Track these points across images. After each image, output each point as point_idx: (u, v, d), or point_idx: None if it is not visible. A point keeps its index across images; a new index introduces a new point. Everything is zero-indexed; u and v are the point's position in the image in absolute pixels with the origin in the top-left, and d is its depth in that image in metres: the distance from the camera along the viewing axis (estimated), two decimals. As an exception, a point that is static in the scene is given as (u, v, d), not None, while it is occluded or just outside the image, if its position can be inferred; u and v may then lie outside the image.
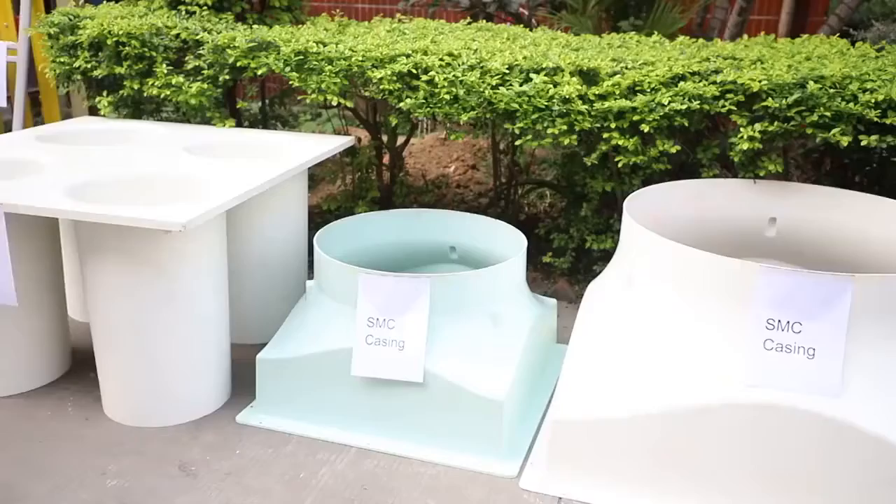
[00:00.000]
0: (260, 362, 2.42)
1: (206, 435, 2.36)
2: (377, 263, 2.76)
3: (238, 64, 3.13)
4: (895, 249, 2.46)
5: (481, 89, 2.82)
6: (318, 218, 3.51)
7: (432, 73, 2.87)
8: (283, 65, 3.05)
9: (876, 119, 2.51)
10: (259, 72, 3.10)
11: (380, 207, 3.47)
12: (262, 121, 3.84)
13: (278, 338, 2.47)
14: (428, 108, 2.89)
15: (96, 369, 2.44)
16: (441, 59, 2.94)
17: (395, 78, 2.91)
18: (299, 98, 3.27)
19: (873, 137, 2.53)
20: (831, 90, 2.57)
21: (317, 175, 4.09)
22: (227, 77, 3.19)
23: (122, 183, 2.53)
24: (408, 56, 2.97)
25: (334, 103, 3.07)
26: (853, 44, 3.32)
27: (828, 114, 2.54)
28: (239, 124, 3.55)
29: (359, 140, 3.53)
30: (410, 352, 2.24)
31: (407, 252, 2.90)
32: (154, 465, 2.21)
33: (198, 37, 3.26)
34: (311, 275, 2.85)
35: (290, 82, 3.07)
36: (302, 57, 3.05)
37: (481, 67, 2.89)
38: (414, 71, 2.92)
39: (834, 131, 2.54)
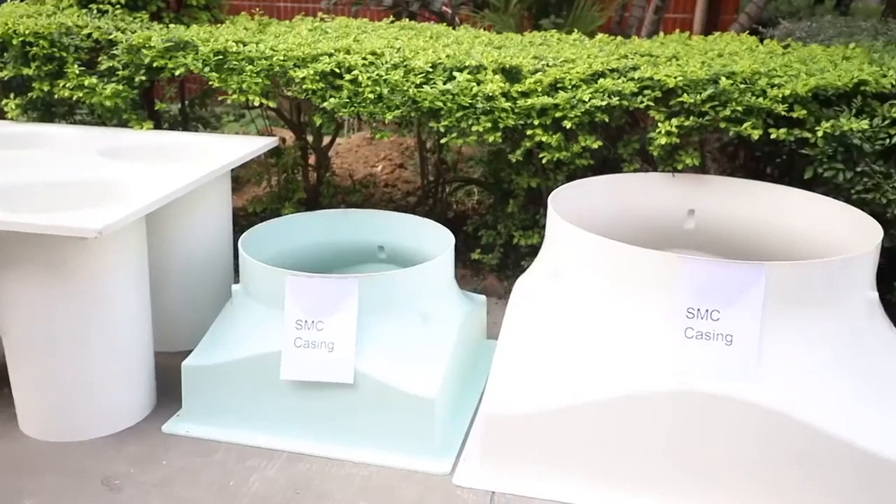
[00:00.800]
0: (185, 369, 2.36)
1: (130, 447, 2.29)
2: (305, 265, 2.73)
3: (155, 64, 3.04)
4: (804, 237, 2.57)
5: (405, 88, 2.82)
6: (244, 220, 3.45)
7: (356, 72, 2.85)
8: (202, 65, 2.98)
9: (784, 113, 2.62)
10: (177, 72, 3.02)
11: (306, 208, 3.43)
12: (183, 122, 3.74)
13: (204, 344, 2.41)
14: (352, 108, 2.87)
15: (10, 385, 2.34)
16: (364, 58, 2.93)
17: (317, 77, 2.88)
18: (220, 99, 3.20)
19: (782, 130, 2.64)
20: (742, 86, 2.67)
21: (241, 177, 4.02)
22: (144, 78, 3.10)
23: (34, 189, 2.42)
24: (330, 55, 2.94)
25: (257, 104, 3.02)
26: (762, 41, 3.46)
27: (739, 108, 2.64)
28: (158, 126, 3.45)
29: (283, 141, 3.48)
30: (340, 353, 2.22)
31: (335, 253, 2.88)
32: (75, 482, 2.13)
33: (111, 36, 3.16)
34: (237, 279, 2.80)
35: (210, 83, 3.01)
36: (221, 57, 2.99)
37: (405, 66, 2.88)
38: (337, 70, 2.90)
39: (745, 125, 2.64)
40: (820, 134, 2.59)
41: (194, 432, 2.35)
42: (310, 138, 3.58)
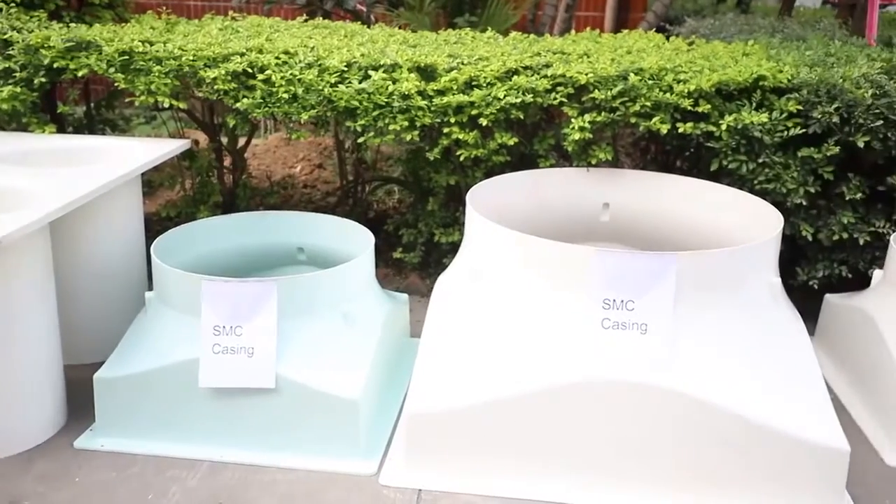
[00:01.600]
0: (97, 381, 2.28)
1: (39, 465, 2.19)
2: (222, 269, 2.67)
3: (55, 65, 2.91)
4: (712, 227, 2.67)
5: (320, 87, 2.79)
6: (158, 226, 3.35)
7: (268, 71, 2.81)
8: (106, 65, 2.87)
9: (689, 108, 2.72)
10: (79, 73, 2.90)
11: (223, 212, 3.35)
12: (89, 126, 3.60)
13: (117, 354, 2.33)
14: (266, 108, 2.83)
15: None
16: (277, 58, 2.88)
17: (229, 77, 2.82)
18: (128, 101, 3.09)
19: (688, 125, 2.73)
20: (650, 82, 2.75)
21: (154, 181, 3.90)
22: (44, 80, 2.96)
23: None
24: (242, 55, 2.89)
25: (167, 105, 2.93)
26: (668, 38, 3.58)
27: (648, 104, 2.72)
28: (61, 130, 3.31)
29: (196, 143, 3.39)
30: (260, 358, 2.18)
31: (253, 256, 2.83)
32: (-19, 505, 2.03)
33: (6, 36, 3.01)
34: (150, 286, 2.71)
35: (116, 84, 2.90)
36: (127, 57, 2.89)
37: (319, 65, 2.85)
38: (249, 70, 2.84)
39: (654, 120, 2.72)
40: (724, 127, 2.69)
41: (109, 446, 2.26)
42: (224, 140, 3.50)
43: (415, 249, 3.29)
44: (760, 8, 6.99)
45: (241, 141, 3.57)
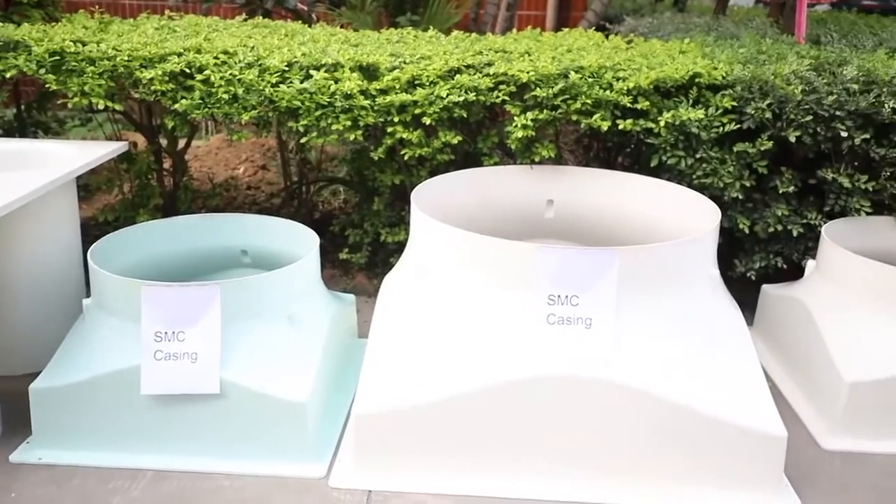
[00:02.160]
0: (33, 393, 2.20)
1: (-26, 482, 2.11)
2: (163, 274, 2.61)
3: (-19, 66, 2.81)
4: (653, 221, 2.73)
5: (261, 87, 2.75)
6: (96, 231, 3.26)
7: (207, 71, 2.76)
8: (36, 66, 2.78)
9: (629, 105, 2.76)
10: (7, 74, 2.81)
11: (163, 215, 3.28)
12: (20, 129, 3.49)
13: (54, 364, 2.26)
14: (206, 109, 2.77)
15: None
16: (216, 58, 2.83)
17: (166, 78, 2.76)
18: (61, 102, 3.00)
19: (628, 121, 2.78)
20: (590, 79, 2.79)
21: (91, 184, 3.79)
22: (-30, 81, 2.86)
23: None
24: (180, 55, 2.83)
25: (101, 107, 2.85)
26: (607, 37, 3.63)
27: (589, 101, 2.76)
28: (-10, 133, 3.20)
29: (134, 145, 3.31)
30: (204, 363, 2.14)
31: (196, 260, 2.77)
32: (-90, 525, 1.95)
33: (-71, 37, 2.89)
34: (88, 293, 2.64)
35: (48, 85, 2.81)
36: (58, 57, 2.80)
37: (259, 65, 2.82)
38: (187, 70, 2.79)
39: (595, 117, 2.76)
40: (662, 124, 2.75)
41: (48, 459, 2.20)
42: (164, 142, 3.43)
43: (361, 249, 3.27)
44: (696, 7, 7.16)
45: (182, 143, 3.50)
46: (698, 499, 2.08)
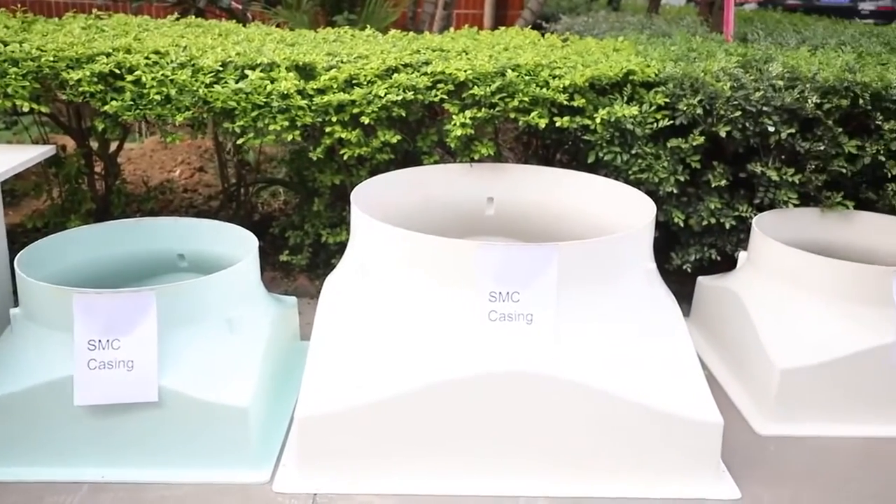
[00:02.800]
0: (-40, 408, 2.12)
1: None
2: (97, 281, 2.53)
3: None
4: (591, 216, 2.77)
5: (195, 88, 2.70)
6: (24, 237, 3.14)
7: (138, 72, 2.69)
8: (-45, 68, 2.67)
9: (565, 102, 2.80)
10: (-75, 77, 2.69)
11: (96, 220, 3.18)
12: (-60, 133, 3.34)
13: (-19, 378, 2.18)
14: (137, 111, 2.71)
15: None
16: (147, 58, 2.77)
17: (95, 79, 2.68)
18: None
19: (565, 119, 2.82)
20: (527, 77, 2.82)
21: (18, 190, 3.66)
22: None
23: None
24: (108, 55, 2.75)
25: (26, 109, 2.75)
26: (543, 35, 3.68)
27: (526, 99, 2.79)
28: None
29: (63, 148, 3.21)
30: (141, 371, 2.09)
31: (130, 266, 2.70)
32: None
33: None
34: (16, 302, 2.54)
35: (-33, 87, 2.70)
36: (-22, 58, 2.70)
37: (192, 65, 2.76)
38: (117, 71, 2.71)
39: (532, 115, 2.79)
40: (598, 121, 2.80)
41: (-23, 476, 2.11)
42: (94, 144, 3.33)
43: (302, 251, 3.24)
44: (630, 5, 7.30)
45: (114, 145, 3.41)
46: (638, 488, 2.12)
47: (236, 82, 2.71)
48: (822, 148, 2.84)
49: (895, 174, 2.89)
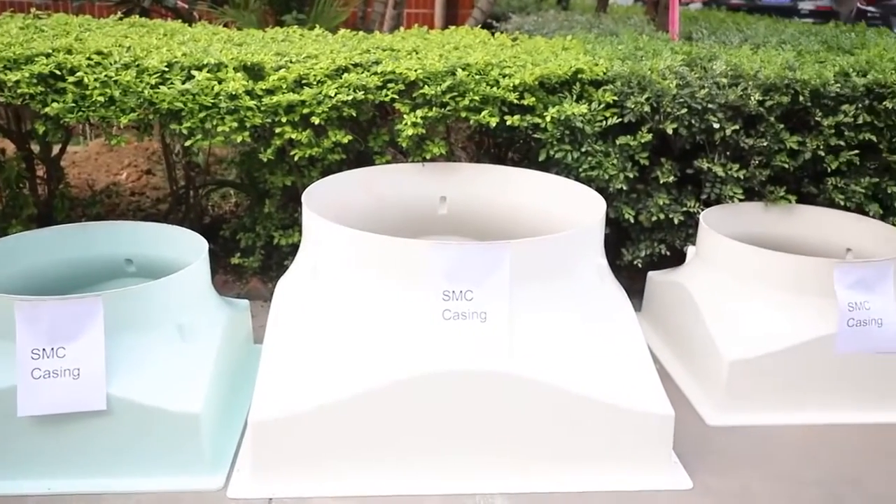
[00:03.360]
0: None
1: None
2: (40, 288, 2.47)
3: None
4: (543, 214, 2.79)
5: (140, 89, 2.64)
6: (-38, 245, 3.04)
7: (80, 73, 2.62)
8: None
9: (516, 101, 2.82)
10: None
11: (39, 225, 3.10)
12: None
13: (-82, 390, 2.10)
14: (80, 113, 2.64)
15: None
16: (89, 59, 2.70)
17: (34, 80, 2.60)
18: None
19: (516, 117, 2.84)
20: (477, 76, 2.83)
21: (-46, 196, 3.53)
22: None
23: None
24: (48, 55, 2.68)
25: (-40, 112, 2.67)
26: (493, 34, 3.69)
27: (477, 98, 2.80)
28: None
29: (2, 152, 3.11)
30: (88, 379, 2.04)
31: (76, 271, 2.63)
32: None
33: None
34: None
35: None
36: (-90, 60, 2.60)
37: (137, 66, 2.71)
38: (58, 72, 2.64)
39: (483, 113, 2.80)
40: (548, 119, 2.82)
41: (-84, 493, 2.04)
42: (36, 148, 3.23)
43: (254, 253, 3.20)
44: (579, 5, 7.39)
45: (56, 148, 3.32)
46: (593, 480, 2.15)
47: (183, 83, 2.67)
48: (764, 144, 2.92)
49: (834, 169, 2.98)
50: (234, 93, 2.67)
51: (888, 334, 2.44)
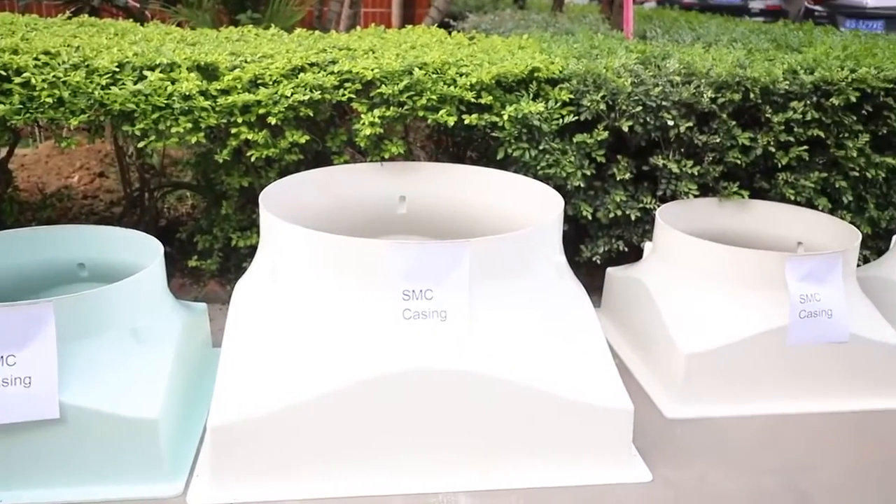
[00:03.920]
0: None
1: None
2: (-12, 295, 2.41)
3: None
4: (502, 212, 2.81)
5: (90, 90, 2.59)
6: None
7: (27, 74, 2.56)
8: None
9: (473, 100, 2.83)
10: None
11: (-14, 231, 3.01)
12: None
13: None
14: (27, 114, 2.57)
15: None
16: (37, 59, 2.63)
17: (-21, 81, 2.54)
18: None
19: (473, 116, 2.85)
20: (434, 75, 2.83)
21: None
22: None
23: None
24: (-7, 56, 2.61)
25: None
26: (450, 33, 3.70)
27: (434, 97, 2.80)
28: None
29: (-53, 156, 3.02)
30: (40, 387, 1.99)
31: (26, 277, 2.57)
32: None
33: None
34: None
35: None
36: None
37: (87, 66, 2.65)
38: (3, 73, 2.57)
39: (441, 112, 2.81)
40: (506, 117, 2.83)
41: None
42: (-18, 151, 3.15)
43: (211, 256, 3.16)
44: (535, 4, 7.43)
45: (3, 151, 3.23)
46: (554, 475, 2.17)
47: (135, 83, 2.62)
48: (717, 140, 2.97)
49: (785, 164, 3.05)
50: (188, 93, 2.63)
51: (837, 325, 2.51)
